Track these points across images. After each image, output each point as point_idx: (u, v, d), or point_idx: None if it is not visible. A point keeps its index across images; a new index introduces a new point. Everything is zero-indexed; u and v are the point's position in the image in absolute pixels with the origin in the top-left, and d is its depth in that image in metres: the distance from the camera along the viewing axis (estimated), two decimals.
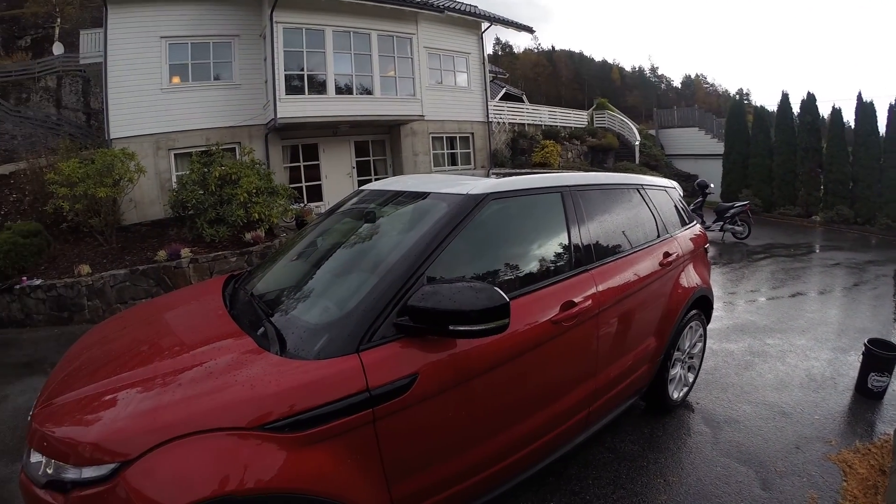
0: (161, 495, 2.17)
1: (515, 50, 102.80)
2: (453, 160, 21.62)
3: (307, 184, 18.73)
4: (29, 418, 2.75)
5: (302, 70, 16.56)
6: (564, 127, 27.33)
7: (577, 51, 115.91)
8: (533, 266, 3.54)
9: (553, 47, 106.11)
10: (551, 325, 3.28)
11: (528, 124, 25.20)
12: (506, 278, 3.33)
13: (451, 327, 2.54)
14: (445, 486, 2.94)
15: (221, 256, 12.23)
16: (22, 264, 12.30)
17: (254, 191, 13.11)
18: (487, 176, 4.13)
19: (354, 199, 4.35)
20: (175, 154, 16.70)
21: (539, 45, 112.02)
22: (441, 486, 2.92)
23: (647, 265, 4.39)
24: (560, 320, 3.32)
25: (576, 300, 3.47)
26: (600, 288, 3.72)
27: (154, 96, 16.29)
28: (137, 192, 15.01)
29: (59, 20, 36.56)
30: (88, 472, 2.24)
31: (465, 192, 3.28)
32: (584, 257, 3.76)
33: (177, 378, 2.56)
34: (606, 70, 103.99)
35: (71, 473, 2.29)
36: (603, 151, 27.34)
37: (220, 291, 3.89)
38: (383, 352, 2.64)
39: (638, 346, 4.35)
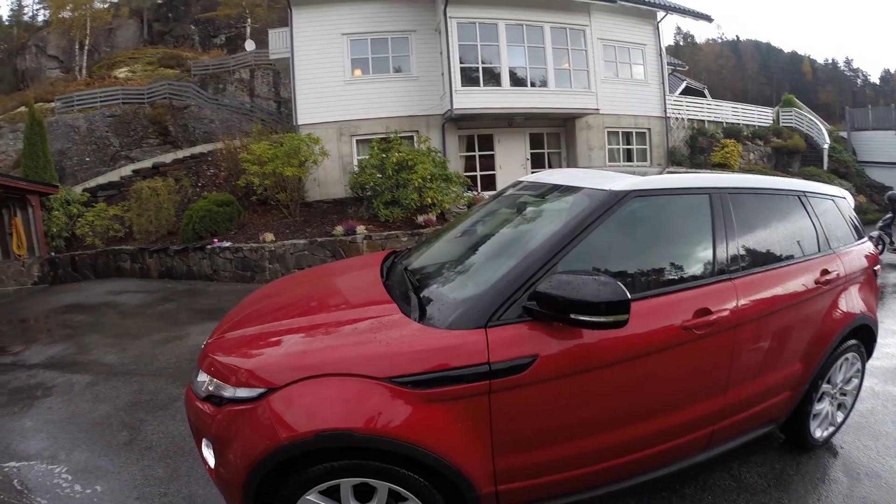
0: (293, 419, 2.63)
1: (697, 40, 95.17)
2: (629, 156, 20.75)
3: (481, 173, 18.66)
4: (202, 346, 3.38)
5: (476, 63, 16.74)
6: (747, 125, 25.10)
7: (763, 41, 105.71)
8: (670, 267, 3.38)
9: (738, 37, 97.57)
10: (681, 331, 3.09)
11: (709, 121, 23.52)
12: (639, 277, 3.26)
13: (571, 316, 2.61)
14: (548, 471, 3.00)
15: (394, 236, 12.79)
16: (215, 228, 14.19)
17: (428, 177, 13.52)
18: (661, 174, 3.90)
19: (511, 190, 4.46)
20: (357, 140, 17.57)
21: (723, 34, 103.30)
22: (544, 470, 2.99)
23: (800, 282, 3.89)
24: (692, 327, 3.11)
25: (712, 308, 3.23)
26: (742, 299, 3.39)
27: (337, 87, 17.27)
28: (321, 172, 16.24)
29: (249, 20, 40.29)
30: (241, 392, 2.79)
31: (607, 189, 3.22)
32: (727, 265, 3.45)
33: (327, 329, 3.05)
34: (796, 62, 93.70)
35: (227, 392, 2.85)
36: (788, 154, 24.88)
37: (380, 264, 4.24)
38: (509, 331, 2.77)
39: (779, 368, 3.84)
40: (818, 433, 4.40)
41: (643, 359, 3.01)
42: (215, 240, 13.92)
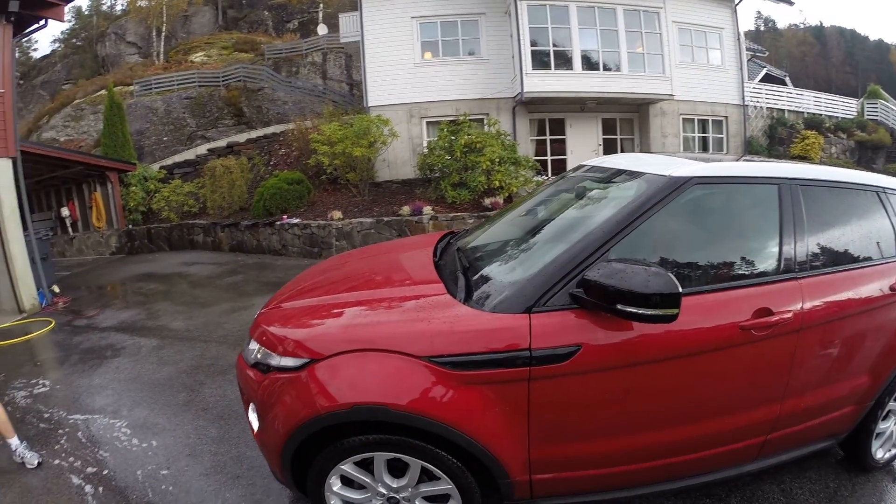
0: (333, 390, 2.73)
1: (779, 25, 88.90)
2: (704, 145, 19.99)
3: (552, 157, 18.34)
4: (255, 316, 3.54)
5: (547, 46, 16.48)
6: (830, 116, 23.60)
7: (847, 28, 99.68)
8: (729, 262, 3.14)
9: (821, 23, 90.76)
10: (738, 331, 2.86)
11: (789, 111, 22.34)
12: (696, 269, 3.07)
13: (619, 306, 2.48)
14: (585, 465, 2.93)
15: (460, 217, 12.74)
16: (285, 205, 14.54)
17: (496, 160, 13.39)
18: (726, 162, 3.69)
19: (573, 173, 4.31)
20: (426, 122, 17.61)
21: (805, 20, 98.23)
22: (580, 464, 2.92)
23: (874, 287, 3.46)
24: (750, 327, 2.87)
25: (774, 309, 2.95)
26: (808, 302, 3.07)
27: (407, 70, 17.31)
28: (391, 153, 16.25)
29: (321, 5, 40.85)
30: (286, 361, 2.91)
31: (667, 174, 3.03)
32: (793, 264, 3.14)
33: (372, 305, 3.12)
34: (882, 51, 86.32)
35: (273, 360, 2.98)
36: (872, 149, 23.36)
37: (435, 244, 4.22)
38: (554, 318, 2.69)
39: (843, 380, 3.45)
40: (880, 454, 3.98)
41: (695, 357, 2.84)
42: (285, 216, 14.25)
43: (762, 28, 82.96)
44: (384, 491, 2.94)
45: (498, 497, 2.97)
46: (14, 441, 4.68)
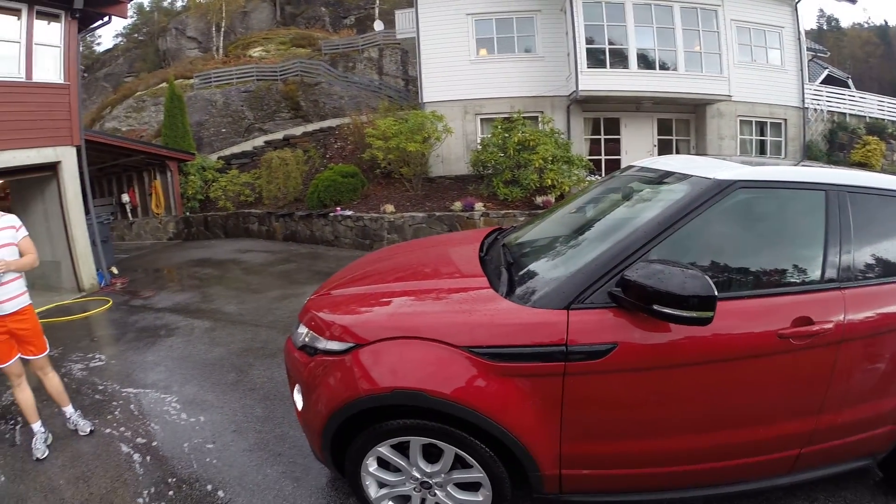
0: (374, 374, 2.87)
1: (842, 24, 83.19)
2: (762, 148, 19.41)
3: (606, 157, 18.10)
4: (305, 302, 3.75)
5: (603, 44, 16.30)
6: (894, 122, 22.40)
7: None
8: (771, 268, 3.08)
9: (886, 22, 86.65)
10: (776, 338, 2.79)
11: (851, 114, 21.38)
12: (736, 274, 3.03)
13: (655, 306, 2.49)
14: (614, 465, 2.95)
15: (511, 215, 12.71)
16: (338, 198, 14.80)
17: (549, 158, 13.35)
18: (772, 166, 3.57)
19: (622, 174, 4.31)
20: (481, 118, 17.60)
21: (869, 18, 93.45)
22: (611, 462, 2.94)
23: None
24: (789, 336, 2.80)
25: (814, 319, 2.85)
26: (851, 313, 2.93)
27: (462, 67, 17.33)
28: (445, 149, 16.34)
29: (377, 1, 41.07)
30: (332, 345, 3.09)
31: (711, 177, 3.00)
32: (837, 273, 3.01)
33: (417, 296, 3.27)
34: None
35: (320, 344, 3.17)
36: None
37: (482, 239, 4.31)
38: (591, 315, 2.73)
39: (885, 397, 3.25)
40: None
41: (731, 363, 2.82)
42: (338, 208, 14.52)
43: (825, 27, 78.24)
44: (418, 475, 3.07)
45: (527, 490, 3.04)
46: (69, 409, 4.96)
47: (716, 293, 2.44)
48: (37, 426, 4.77)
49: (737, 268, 3.04)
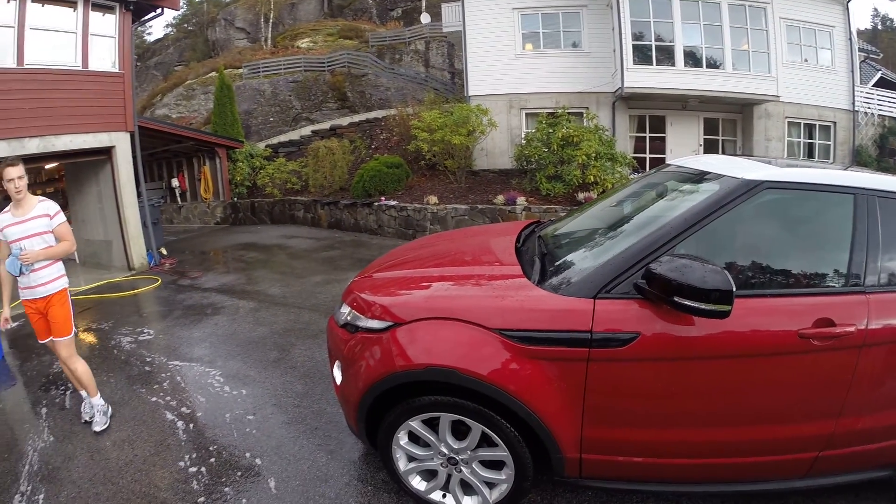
0: (411, 351, 3.09)
1: None
2: (810, 151, 18.90)
3: (651, 155, 17.94)
4: (348, 284, 4.04)
5: (649, 40, 16.18)
6: None
7: None
8: (795, 268, 3.10)
9: None
10: (796, 338, 2.82)
11: None
12: (759, 272, 3.09)
13: (676, 298, 2.61)
14: (632, 452, 3.06)
15: (552, 210, 12.81)
16: (383, 188, 15.08)
17: (592, 154, 13.36)
18: (801, 168, 3.55)
19: (659, 171, 4.43)
20: (525, 113, 17.63)
21: None
22: (628, 450, 3.05)
23: None
24: (810, 336, 2.82)
25: (836, 321, 2.85)
26: (875, 319, 2.89)
27: (508, 61, 17.38)
28: (489, 143, 16.45)
29: None
30: (373, 323, 3.34)
31: (739, 177, 3.08)
32: (863, 277, 2.99)
33: (454, 281, 3.53)
34: None
35: (361, 322, 3.43)
36: None
37: (519, 231, 4.51)
38: (616, 305, 2.87)
39: None
40: None
41: (751, 359, 2.87)
42: (383, 198, 14.80)
43: (879, 27, 74.91)
44: (445, 451, 3.28)
45: (549, 473, 3.22)
46: (96, 400, 5.05)
47: (734, 288, 2.55)
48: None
49: (761, 266, 3.11)
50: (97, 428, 4.84)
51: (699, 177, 3.56)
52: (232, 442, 4.60)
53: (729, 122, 18.28)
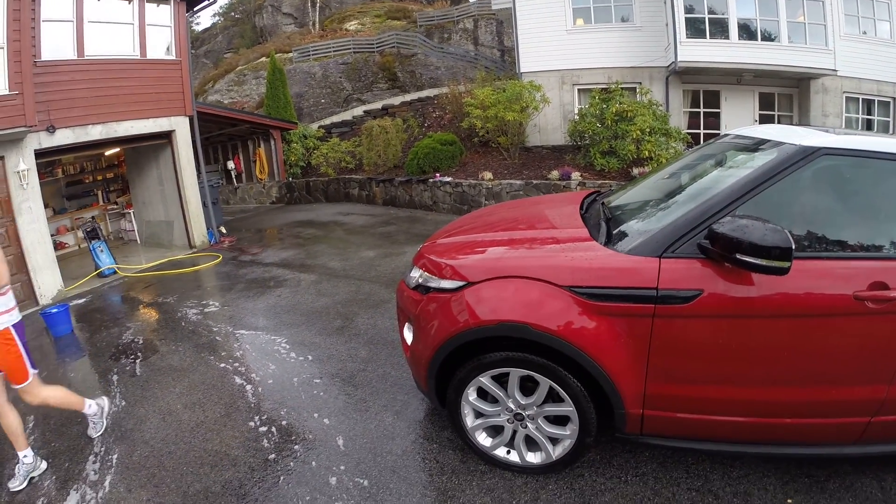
0: (484, 307, 3.24)
1: None
2: (868, 127, 18.08)
3: (705, 131, 17.50)
4: (419, 249, 4.16)
5: (703, 13, 15.70)
6: None
7: None
8: (850, 233, 3.10)
9: None
10: (852, 300, 2.84)
11: None
12: (815, 235, 3.11)
13: (737, 255, 2.68)
14: (693, 409, 3.15)
15: (607, 185, 12.67)
16: (437, 164, 15.24)
17: (647, 129, 13.17)
18: (859, 136, 3.46)
19: (719, 140, 4.46)
20: (578, 89, 17.39)
21: None
22: (689, 406, 3.14)
23: None
24: (865, 298, 2.83)
25: (890, 285, 2.85)
26: None
27: (559, 36, 17.10)
28: (542, 119, 16.39)
29: None
30: (444, 283, 3.50)
31: (797, 143, 3.11)
32: None
33: (524, 242, 3.67)
34: None
35: (433, 283, 3.60)
36: None
37: (582, 199, 4.64)
38: (680, 264, 2.96)
39: None
40: None
41: (806, 319, 2.91)
42: (437, 174, 14.92)
43: None
44: (513, 406, 3.41)
45: (610, 430, 3.33)
46: (23, 453, 4.10)
47: (792, 245, 2.62)
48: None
49: (817, 230, 3.14)
50: (15, 486, 4.00)
51: (757, 145, 3.60)
52: (300, 403, 4.76)
53: (785, 97, 17.69)
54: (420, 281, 3.74)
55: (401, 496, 3.51)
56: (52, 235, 10.19)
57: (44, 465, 4.19)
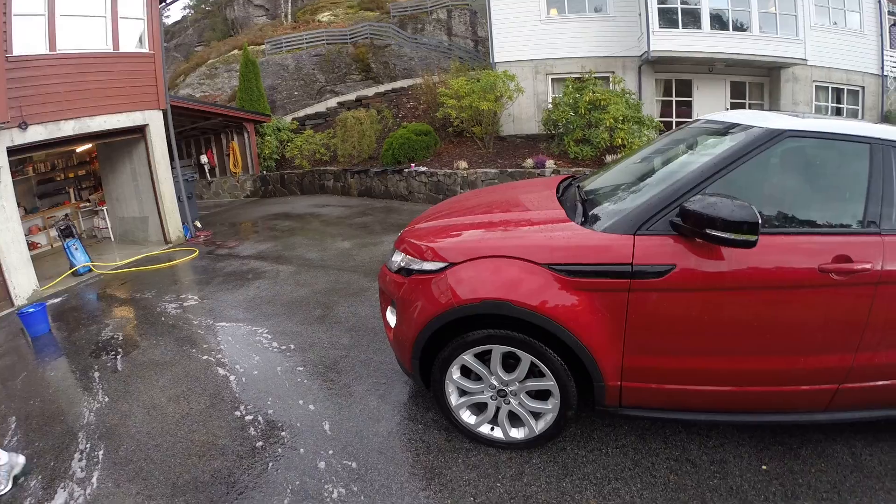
0: (466, 287, 3.34)
1: None
2: (838, 115, 18.28)
3: (677, 119, 17.66)
4: (400, 234, 4.20)
5: (675, 3, 15.86)
6: None
7: None
8: (815, 210, 3.33)
9: None
10: (817, 272, 3.04)
11: None
12: (783, 213, 3.30)
13: (707, 230, 2.84)
14: (669, 379, 3.29)
15: (581, 172, 12.69)
16: (412, 155, 15.29)
17: (620, 118, 13.32)
18: (821, 119, 3.68)
19: (690, 125, 4.62)
20: (552, 78, 17.52)
21: None
22: (665, 377, 3.29)
23: None
24: (829, 270, 3.03)
25: (853, 258, 3.05)
26: (889, 260, 3.06)
27: (533, 26, 17.22)
28: (516, 108, 16.52)
29: None
30: (426, 265, 3.60)
31: (763, 126, 3.31)
32: (878, 221, 3.15)
33: (503, 224, 3.80)
34: None
35: (415, 265, 3.69)
36: None
37: (557, 184, 4.77)
38: (654, 240, 3.11)
39: None
40: None
41: (774, 291, 3.08)
42: (412, 164, 14.98)
43: None
44: (496, 382, 3.53)
45: (590, 404, 3.49)
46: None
47: (759, 220, 2.79)
48: None
49: (784, 207, 3.34)
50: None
51: (727, 129, 3.75)
52: (285, 391, 4.81)
53: (756, 85, 17.95)
54: (402, 264, 3.82)
55: (389, 476, 3.58)
56: (24, 235, 10.06)
57: (22, 459, 4.12)
